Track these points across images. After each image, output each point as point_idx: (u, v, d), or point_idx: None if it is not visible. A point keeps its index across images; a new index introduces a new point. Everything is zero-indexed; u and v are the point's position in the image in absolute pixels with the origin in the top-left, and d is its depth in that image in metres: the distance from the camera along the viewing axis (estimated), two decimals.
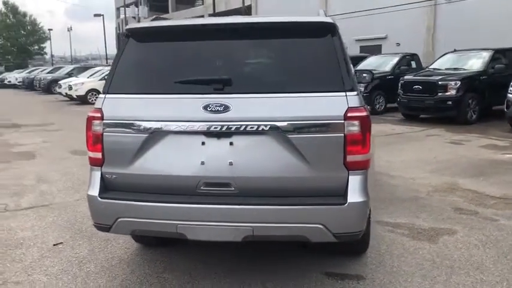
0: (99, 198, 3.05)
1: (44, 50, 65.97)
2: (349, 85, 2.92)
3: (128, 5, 47.84)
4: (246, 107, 2.89)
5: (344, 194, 2.88)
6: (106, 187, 3.11)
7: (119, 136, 3.03)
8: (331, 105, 2.87)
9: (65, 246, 4.14)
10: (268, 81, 3.04)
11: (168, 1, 49.99)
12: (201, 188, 2.95)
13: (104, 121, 3.05)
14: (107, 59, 46.00)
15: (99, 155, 3.09)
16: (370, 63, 16.18)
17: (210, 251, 3.84)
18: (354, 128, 2.86)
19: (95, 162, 3.13)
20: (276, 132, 2.85)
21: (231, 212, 2.87)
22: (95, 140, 3.08)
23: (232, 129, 2.86)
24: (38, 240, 4.30)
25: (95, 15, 45.79)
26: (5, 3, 57.79)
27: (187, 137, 2.93)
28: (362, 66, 16.15)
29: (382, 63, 15.74)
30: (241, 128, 2.85)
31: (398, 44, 24.11)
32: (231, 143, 2.90)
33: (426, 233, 4.35)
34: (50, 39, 62.63)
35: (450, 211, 4.96)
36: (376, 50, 23.55)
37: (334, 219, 2.86)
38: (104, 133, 3.05)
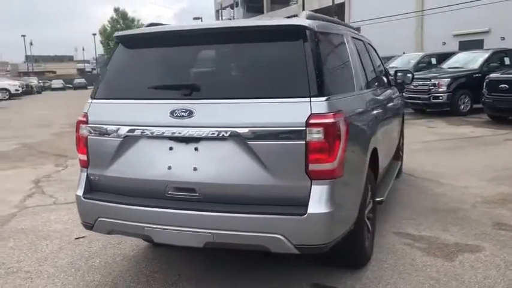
0: (82, 198, 3.23)
1: None
2: (316, 90, 2.78)
3: (224, 8, 49.42)
4: (210, 112, 2.88)
5: (306, 205, 2.75)
6: (92, 188, 3.28)
7: (100, 140, 3.17)
8: (293, 111, 2.75)
9: (85, 240, 4.42)
10: (234, 86, 2.99)
11: (263, 1, 50.67)
12: (169, 192, 3.00)
13: (88, 125, 3.21)
14: None
15: (85, 157, 3.27)
16: (458, 60, 15.15)
17: (208, 255, 3.87)
18: (317, 135, 2.72)
19: (82, 164, 3.31)
20: (237, 139, 2.80)
21: (193, 217, 2.88)
22: (82, 143, 3.26)
23: (195, 135, 2.86)
24: (65, 233, 4.64)
25: (194, 18, 47.93)
26: (116, 10, 62.77)
27: (156, 141, 2.99)
28: (449, 64, 15.16)
29: (470, 61, 14.61)
30: (203, 134, 2.85)
31: (503, 39, 22.18)
32: (195, 149, 2.90)
33: (447, 248, 3.98)
34: None
35: (488, 226, 4.49)
36: (477, 45, 21.88)
37: (294, 230, 2.74)
38: (88, 137, 3.22)
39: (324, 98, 2.79)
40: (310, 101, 2.75)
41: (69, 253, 4.13)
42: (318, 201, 2.75)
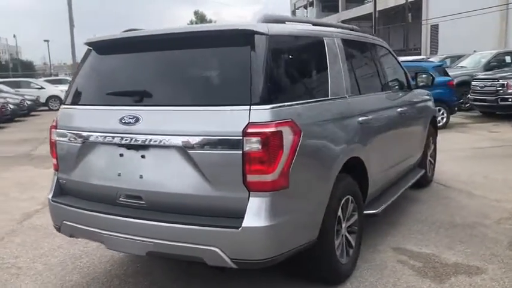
0: (51, 201, 3.33)
1: None
2: (259, 98, 2.64)
3: (298, 8, 49.20)
4: (154, 119, 2.85)
5: (243, 217, 2.62)
6: (61, 191, 3.37)
7: (65, 145, 3.25)
8: (232, 120, 2.64)
9: (83, 240, 4.57)
10: (178, 93, 2.93)
11: (339, 0, 49.77)
12: (120, 199, 3.00)
13: (57, 130, 3.31)
14: None
15: (55, 161, 3.37)
16: None
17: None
18: (255, 145, 2.58)
19: (54, 168, 3.42)
20: (178, 147, 2.74)
21: (136, 225, 2.86)
22: (53, 147, 3.36)
23: (140, 142, 2.84)
24: None
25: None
26: (195, 13, 64.89)
27: (108, 148, 3.00)
28: None
29: None
30: (147, 142, 2.82)
31: None
32: (142, 156, 2.88)
33: (443, 268, 3.64)
34: None
35: (502, 246, 4.04)
36: None
37: (229, 243, 2.63)
38: (57, 141, 3.31)
39: (266, 106, 2.65)
40: (250, 109, 2.62)
41: (64, 252, 4.28)
42: (255, 214, 2.61)
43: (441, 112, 11.24)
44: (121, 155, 2.95)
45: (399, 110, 4.53)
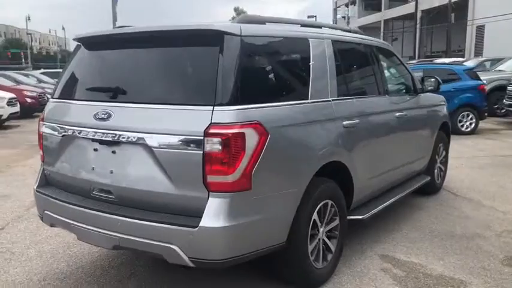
0: (35, 191, 3.45)
1: None
2: (223, 99, 2.64)
3: (339, 6, 48.57)
4: (124, 116, 2.90)
5: (201, 217, 2.64)
6: (46, 182, 3.49)
7: (49, 137, 3.36)
8: (195, 119, 2.66)
9: None
10: (147, 91, 2.95)
11: None
12: (93, 192, 3.08)
13: (43, 123, 3.42)
14: None
15: (41, 153, 3.49)
16: None
17: None
18: (216, 146, 2.59)
19: (41, 159, 3.53)
20: (144, 144, 2.78)
21: (104, 219, 2.92)
22: (40, 139, 3.48)
23: (110, 138, 2.90)
24: None
25: (309, 16, 47.81)
26: (235, 9, 64.99)
27: (85, 142, 3.08)
28: None
29: None
30: (117, 138, 2.88)
31: None
32: (113, 152, 2.94)
33: (425, 280, 3.53)
34: None
35: (496, 260, 3.88)
36: None
37: (187, 242, 2.65)
38: (43, 134, 3.43)
39: (231, 108, 2.65)
40: (213, 110, 2.63)
41: (59, 240, 4.42)
42: (214, 214, 2.62)
43: (469, 117, 10.87)
44: (95, 149, 3.03)
45: (398, 114, 4.42)
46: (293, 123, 3.05)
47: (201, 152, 2.62)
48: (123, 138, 2.85)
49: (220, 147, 2.59)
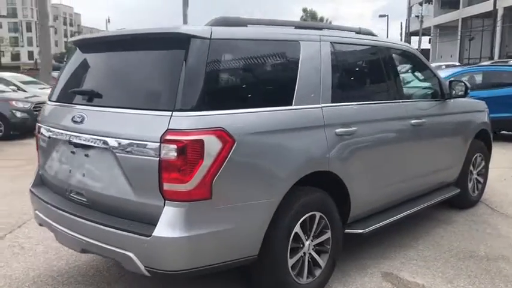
0: (30, 190, 3.56)
1: None
2: (183, 104, 2.56)
3: (412, 5, 46.66)
4: (94, 120, 2.91)
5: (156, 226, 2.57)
6: (41, 182, 3.58)
7: (41, 139, 3.45)
8: (153, 125, 2.60)
9: None
10: (116, 94, 2.95)
11: None
12: (71, 195, 3.11)
13: (39, 124, 3.52)
14: None
15: (37, 153, 3.59)
16: None
17: None
18: (171, 153, 2.51)
19: (38, 160, 3.64)
20: (109, 149, 2.77)
21: (74, 222, 2.94)
22: (36, 141, 3.59)
23: (82, 141, 2.92)
24: None
25: (380, 16, 46.48)
26: (304, 10, 64.50)
27: (65, 145, 3.12)
28: None
29: None
30: (88, 141, 2.89)
31: None
32: (86, 155, 2.95)
33: None
34: None
35: None
36: None
37: (142, 250, 2.59)
38: (38, 135, 3.53)
39: (190, 114, 2.56)
40: (171, 115, 2.55)
41: (49, 235, 4.51)
42: (168, 223, 2.54)
43: None
44: (72, 152, 3.05)
45: (414, 121, 4.08)
46: (268, 130, 2.89)
47: (158, 158, 2.55)
48: (92, 142, 2.85)
49: (176, 154, 2.51)
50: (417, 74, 4.67)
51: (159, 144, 2.54)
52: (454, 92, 4.70)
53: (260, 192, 2.84)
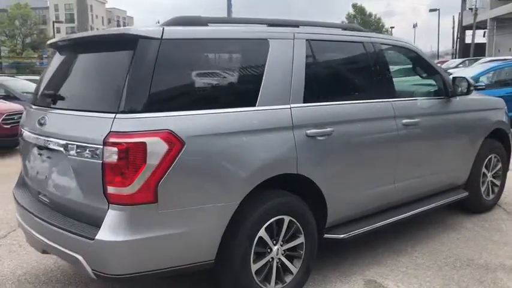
0: (12, 190, 3.65)
1: None
2: (127, 106, 2.54)
3: None
4: (52, 122, 2.96)
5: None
6: (24, 184, 3.67)
7: (20, 142, 3.53)
8: (98, 127, 2.59)
9: None
10: (70, 97, 2.99)
11: None
12: (39, 196, 3.17)
13: (20, 128, 3.61)
14: (438, 55, 44.51)
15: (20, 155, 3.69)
16: None
17: None
18: (113, 155, 2.49)
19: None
20: (61, 151, 2.80)
21: (36, 223, 2.99)
22: (20, 143, 3.68)
23: (43, 143, 2.97)
24: None
25: (431, 10, 44.84)
26: (353, 6, 63.20)
27: (34, 147, 3.17)
28: None
29: None
30: (47, 144, 2.93)
31: None
32: (48, 157, 2.99)
33: None
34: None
35: None
36: None
37: (88, 253, 2.59)
38: (19, 139, 3.62)
39: (133, 115, 2.53)
40: (114, 118, 2.54)
41: None
42: (111, 227, 2.52)
43: None
44: (40, 154, 3.11)
45: (406, 121, 3.84)
46: (224, 132, 2.81)
47: (101, 161, 2.54)
48: (49, 144, 2.89)
49: (117, 157, 2.48)
50: (416, 70, 4.41)
51: (101, 146, 2.53)
52: (459, 89, 4.42)
53: (214, 196, 2.77)
